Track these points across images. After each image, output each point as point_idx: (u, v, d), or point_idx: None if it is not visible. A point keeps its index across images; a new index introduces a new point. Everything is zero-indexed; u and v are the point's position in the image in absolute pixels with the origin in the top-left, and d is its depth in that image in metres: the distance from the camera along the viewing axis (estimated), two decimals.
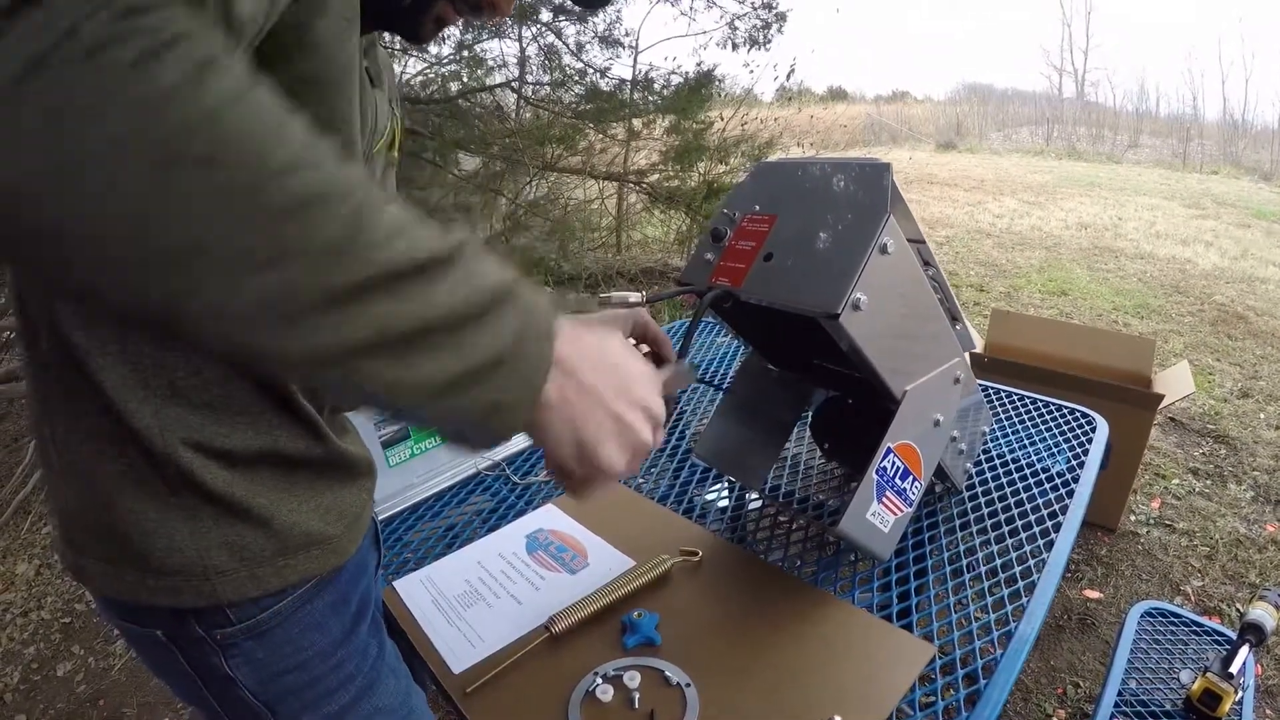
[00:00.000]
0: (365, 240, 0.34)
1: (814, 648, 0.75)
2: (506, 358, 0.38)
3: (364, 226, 0.34)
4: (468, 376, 0.37)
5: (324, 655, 0.67)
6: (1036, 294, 4.75)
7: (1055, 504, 0.99)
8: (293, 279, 0.32)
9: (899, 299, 0.74)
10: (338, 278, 0.33)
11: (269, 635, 0.63)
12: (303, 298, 0.33)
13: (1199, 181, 9.45)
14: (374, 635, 0.74)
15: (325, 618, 0.67)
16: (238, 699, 0.65)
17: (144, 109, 0.30)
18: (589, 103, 4.43)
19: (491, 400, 0.38)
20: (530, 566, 0.90)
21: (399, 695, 0.75)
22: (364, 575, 0.76)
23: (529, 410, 0.40)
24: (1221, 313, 4.34)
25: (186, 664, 0.63)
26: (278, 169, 0.32)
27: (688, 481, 1.11)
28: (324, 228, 0.33)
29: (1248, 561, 2.18)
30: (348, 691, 0.69)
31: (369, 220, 0.34)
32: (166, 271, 0.31)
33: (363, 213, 0.34)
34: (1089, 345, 2.35)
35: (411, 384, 0.36)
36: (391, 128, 0.65)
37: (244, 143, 0.32)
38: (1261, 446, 2.82)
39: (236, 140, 0.32)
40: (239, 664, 0.63)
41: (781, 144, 5.09)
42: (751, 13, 4.42)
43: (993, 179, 9.29)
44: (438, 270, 0.36)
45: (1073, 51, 18.04)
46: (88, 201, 0.30)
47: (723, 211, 0.83)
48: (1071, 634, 1.91)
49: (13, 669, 1.89)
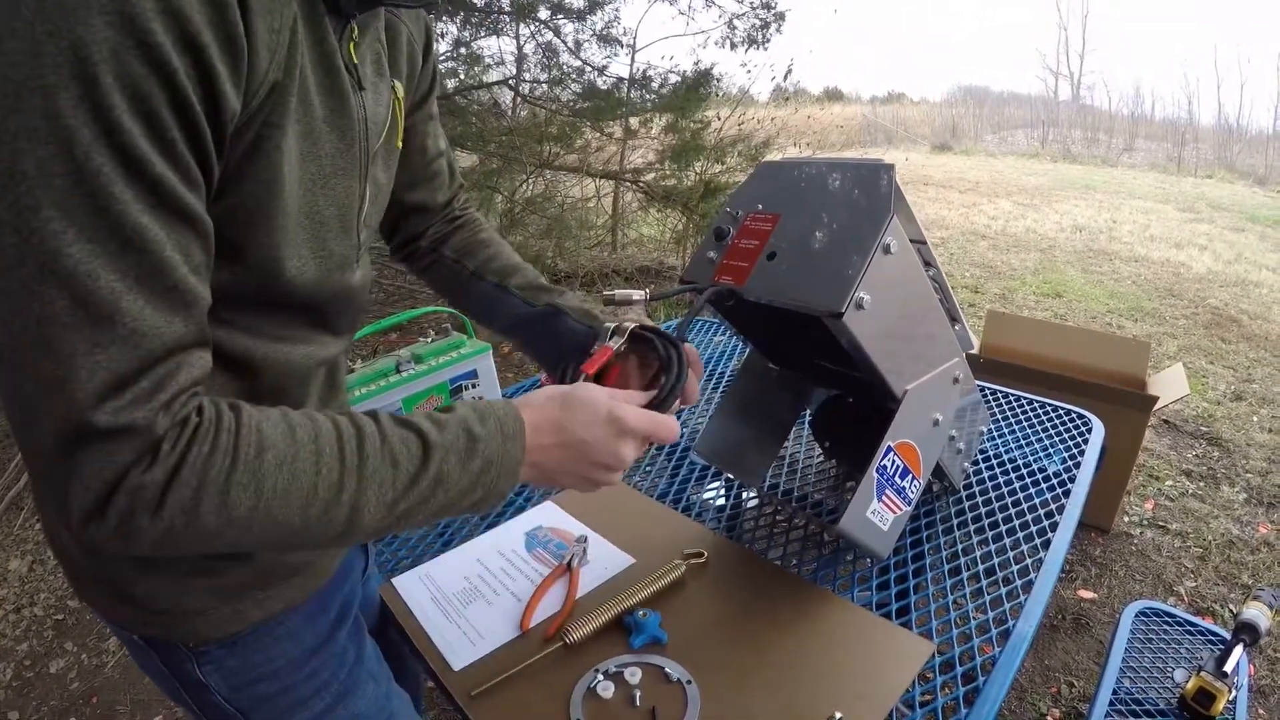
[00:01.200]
0: (361, 519, 0.48)
1: (814, 645, 0.75)
2: (485, 483, 0.53)
3: (360, 516, 0.48)
4: (461, 497, 0.52)
5: (297, 664, 0.67)
6: (1031, 296, 4.77)
7: (1051, 504, 0.99)
8: (325, 542, 0.49)
9: (901, 299, 0.74)
10: (357, 537, 0.50)
11: (240, 644, 0.64)
12: (342, 545, 0.51)
13: (1193, 185, 9.49)
14: (353, 640, 0.73)
15: (299, 627, 0.67)
16: (212, 704, 0.66)
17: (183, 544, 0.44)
18: (586, 101, 4.42)
19: (476, 501, 0.53)
20: (530, 564, 0.90)
21: (378, 700, 0.75)
22: (347, 580, 0.75)
23: (506, 492, 0.55)
24: (1215, 316, 4.36)
25: (164, 667, 0.65)
26: (299, 524, 0.46)
27: (686, 479, 1.11)
28: (340, 527, 0.48)
29: (1240, 563, 2.19)
30: (322, 699, 0.69)
31: (365, 509, 0.48)
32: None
33: (359, 506, 0.47)
34: (1084, 347, 2.36)
35: (427, 520, 0.53)
36: (391, 119, 0.63)
37: (250, 528, 0.45)
38: (1254, 449, 2.84)
39: (247, 529, 0.45)
40: (210, 671, 0.64)
41: (778, 144, 5.09)
42: (750, 12, 4.42)
43: (988, 181, 9.32)
44: (424, 475, 0.50)
45: (1069, 55, 18.14)
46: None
47: (726, 210, 0.83)
48: (1066, 634, 1.92)
49: (5, 666, 1.88)
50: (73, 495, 0.40)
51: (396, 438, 0.49)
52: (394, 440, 0.49)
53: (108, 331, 0.38)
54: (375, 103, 0.58)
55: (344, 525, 0.47)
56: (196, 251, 0.42)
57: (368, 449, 0.47)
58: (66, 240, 0.37)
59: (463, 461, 0.51)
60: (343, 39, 0.51)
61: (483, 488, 0.52)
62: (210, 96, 0.40)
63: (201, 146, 0.41)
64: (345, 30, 0.52)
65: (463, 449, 0.51)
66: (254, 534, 0.45)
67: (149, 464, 0.41)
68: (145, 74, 0.36)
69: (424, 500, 0.50)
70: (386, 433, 0.49)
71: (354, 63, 0.53)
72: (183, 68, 0.37)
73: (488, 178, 4.09)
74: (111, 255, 0.38)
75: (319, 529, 0.46)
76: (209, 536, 0.43)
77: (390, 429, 0.49)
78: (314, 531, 0.46)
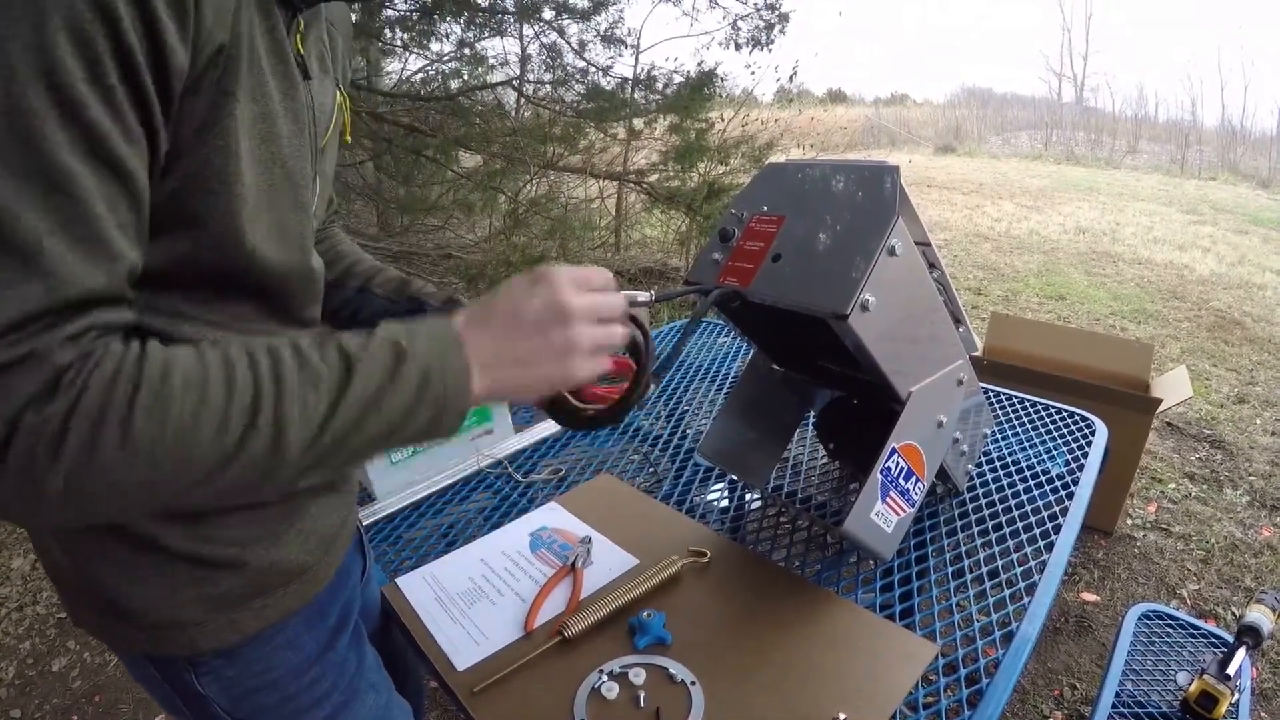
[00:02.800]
0: (288, 445, 0.44)
1: (818, 646, 0.75)
2: (432, 398, 0.48)
3: (285, 439, 0.43)
4: (406, 417, 0.48)
5: (297, 673, 0.66)
6: (1034, 298, 4.77)
7: (1055, 506, 0.99)
8: (253, 482, 0.44)
9: (906, 301, 0.74)
10: (289, 471, 0.45)
11: (238, 654, 0.63)
12: (275, 483, 0.46)
13: (1197, 188, 9.48)
14: (354, 648, 0.73)
15: (299, 634, 0.66)
16: (211, 716, 0.64)
17: (77, 496, 0.40)
18: (590, 101, 4.42)
19: (429, 418, 0.49)
20: (534, 564, 0.91)
21: (378, 710, 0.74)
22: (346, 585, 0.74)
23: (466, 403, 0.50)
24: (1218, 318, 4.35)
25: (161, 678, 0.64)
26: (202, 462, 0.42)
27: (690, 481, 1.11)
28: (263, 458, 0.43)
29: (1243, 566, 2.19)
30: (323, 709, 0.68)
31: (289, 430, 0.43)
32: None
33: (282, 428, 0.43)
34: (1087, 349, 2.36)
35: (373, 449, 0.48)
36: (338, 115, 0.63)
37: (161, 463, 0.41)
38: (1257, 452, 2.84)
39: (155, 464, 0.41)
40: (209, 682, 0.63)
41: (782, 145, 5.10)
42: (754, 13, 4.42)
43: (991, 183, 9.31)
44: (349, 391, 0.45)
45: (1072, 57, 18.11)
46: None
47: (731, 212, 0.83)
48: (1068, 636, 1.92)
49: (8, 664, 1.88)
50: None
51: (315, 356, 0.46)
52: (312, 358, 0.45)
53: (21, 270, 0.37)
54: (321, 94, 0.59)
55: (267, 455, 0.43)
56: (124, 209, 0.41)
57: (284, 368, 0.44)
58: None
59: (391, 374, 0.46)
60: (290, 31, 0.52)
61: (432, 405, 0.48)
62: (156, 50, 0.39)
63: (144, 100, 0.40)
64: (293, 23, 0.53)
65: (389, 361, 0.47)
66: (166, 473, 0.41)
67: (49, 397, 0.38)
68: (91, 19, 0.36)
69: (357, 422, 0.45)
70: (305, 353, 0.46)
71: (300, 54, 0.54)
72: (128, 18, 0.37)
73: (491, 178, 4.09)
74: (36, 196, 0.37)
75: (240, 464, 0.42)
76: (116, 480, 0.40)
77: (308, 349, 0.46)
78: (234, 468, 0.42)
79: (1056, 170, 10.98)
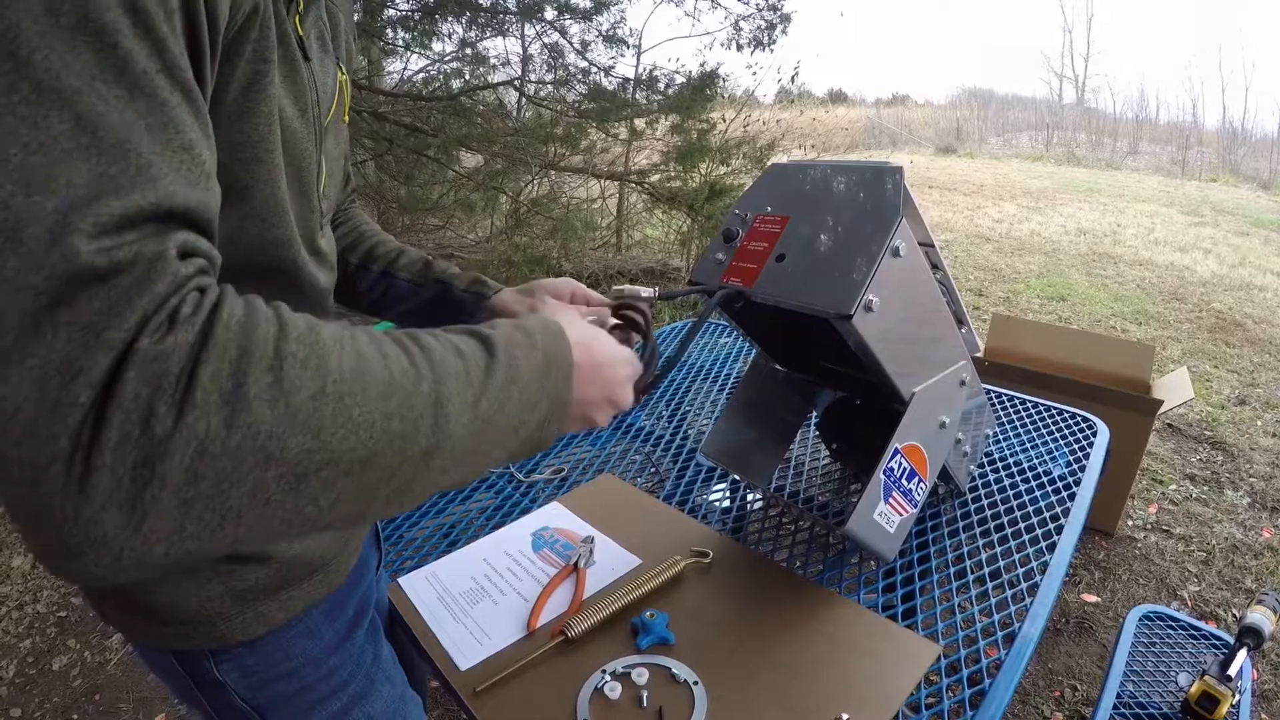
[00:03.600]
0: (447, 420, 0.39)
1: (820, 647, 0.75)
2: (549, 388, 0.48)
3: (445, 412, 0.39)
4: (532, 410, 0.46)
5: (316, 662, 0.67)
6: (1035, 299, 4.77)
7: (1056, 507, 0.99)
8: (415, 485, 0.39)
9: (909, 302, 0.74)
10: (442, 460, 0.40)
11: (259, 643, 0.63)
12: (449, 480, 0.42)
13: (1198, 189, 9.49)
14: (370, 640, 0.73)
15: (319, 625, 0.67)
16: (228, 704, 0.64)
17: (257, 455, 0.31)
18: (591, 102, 4.43)
19: (544, 418, 0.48)
20: (536, 564, 0.91)
21: (393, 703, 0.74)
22: (364, 578, 0.75)
23: (569, 400, 0.50)
24: (1219, 320, 4.35)
25: (179, 666, 0.63)
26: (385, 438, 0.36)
27: (692, 481, 1.11)
28: (427, 436, 0.38)
29: (1244, 567, 2.19)
30: (339, 699, 0.69)
31: (448, 404, 0.39)
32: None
33: (443, 400, 0.39)
34: (1089, 351, 2.36)
35: (498, 449, 0.45)
36: (339, 93, 0.63)
37: (326, 429, 0.33)
38: (1258, 453, 2.84)
39: (318, 429, 0.33)
40: (229, 670, 0.63)
41: (783, 146, 5.10)
42: (756, 14, 4.43)
43: (992, 184, 9.32)
44: (494, 366, 0.43)
45: (1073, 58, 18.13)
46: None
47: (735, 212, 0.83)
48: (1069, 637, 1.92)
49: (8, 663, 1.89)
50: (51, 393, 0.27)
51: (449, 333, 0.43)
52: (449, 334, 0.43)
53: (120, 164, 0.30)
54: (322, 74, 0.58)
55: (431, 429, 0.37)
56: (205, 145, 0.35)
57: (425, 339, 0.40)
58: (72, 70, 0.29)
59: (527, 352, 0.46)
60: (290, 10, 0.52)
61: (548, 396, 0.47)
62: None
63: (197, 37, 0.36)
64: (292, 4, 0.53)
65: (522, 340, 0.46)
66: (331, 446, 0.33)
67: (167, 325, 0.29)
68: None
69: (501, 403, 0.42)
70: (437, 331, 0.43)
71: (299, 34, 0.54)
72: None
73: (493, 178, 4.10)
74: (119, 97, 0.30)
75: (404, 438, 0.36)
76: (270, 452, 0.31)
77: (439, 331, 0.43)
78: (398, 444, 0.36)
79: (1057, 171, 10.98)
